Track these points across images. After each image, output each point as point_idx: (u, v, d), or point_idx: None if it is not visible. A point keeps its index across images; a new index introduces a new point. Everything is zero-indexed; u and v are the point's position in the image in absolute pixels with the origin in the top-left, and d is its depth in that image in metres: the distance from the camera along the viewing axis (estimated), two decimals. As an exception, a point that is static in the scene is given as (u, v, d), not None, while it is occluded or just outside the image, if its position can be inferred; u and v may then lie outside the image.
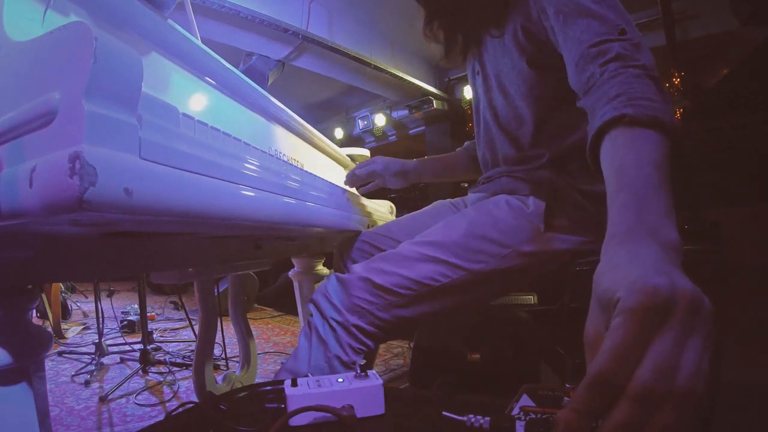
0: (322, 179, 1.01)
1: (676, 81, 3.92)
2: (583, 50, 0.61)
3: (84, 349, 2.34)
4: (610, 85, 0.54)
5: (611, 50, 0.58)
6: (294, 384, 0.54)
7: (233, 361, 2.12)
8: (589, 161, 0.54)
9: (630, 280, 0.32)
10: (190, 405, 0.57)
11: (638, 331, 0.29)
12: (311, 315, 0.79)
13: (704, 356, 0.29)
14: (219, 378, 1.28)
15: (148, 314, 2.61)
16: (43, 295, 2.54)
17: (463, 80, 4.58)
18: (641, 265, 0.34)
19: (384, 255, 0.80)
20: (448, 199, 1.08)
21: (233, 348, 2.27)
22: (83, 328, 2.96)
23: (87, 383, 1.83)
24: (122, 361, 2.17)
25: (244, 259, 0.99)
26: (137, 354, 2.06)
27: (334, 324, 0.74)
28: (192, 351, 2.19)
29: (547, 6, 0.69)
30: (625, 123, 0.48)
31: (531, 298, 1.43)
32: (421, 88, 4.54)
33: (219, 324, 1.35)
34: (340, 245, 1.06)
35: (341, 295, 0.76)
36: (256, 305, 3.80)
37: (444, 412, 0.48)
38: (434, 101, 4.69)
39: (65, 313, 3.21)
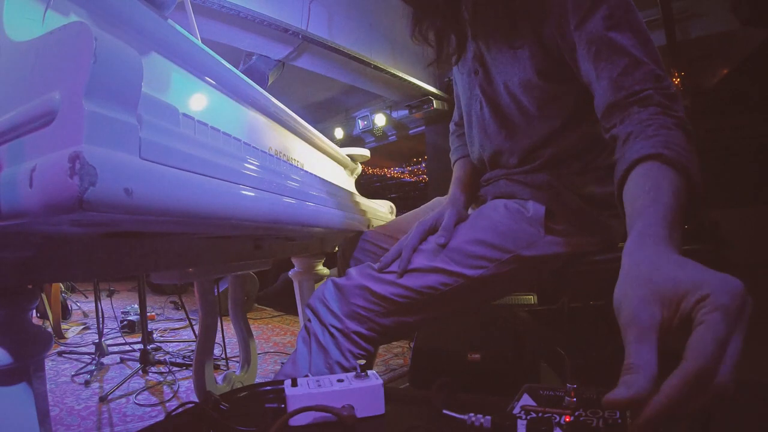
0: (322, 179, 1.01)
1: (676, 81, 3.91)
2: (621, 96, 0.63)
3: (84, 349, 2.34)
4: (648, 123, 0.58)
5: (652, 99, 0.61)
6: (294, 384, 0.54)
7: (233, 361, 2.11)
8: (616, 183, 0.58)
9: (719, 279, 0.36)
10: (190, 405, 0.57)
11: (730, 329, 0.33)
12: (309, 320, 0.78)
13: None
14: (219, 378, 1.28)
15: (148, 314, 2.61)
16: (43, 295, 2.54)
17: (463, 80, 4.56)
18: (702, 267, 0.39)
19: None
20: (446, 196, 1.07)
21: (233, 348, 2.27)
22: (83, 328, 2.96)
23: (87, 383, 1.83)
24: (122, 361, 2.17)
25: (244, 259, 0.98)
26: (137, 354, 2.06)
27: (333, 331, 0.74)
28: (192, 351, 2.19)
29: (572, 32, 0.69)
30: (661, 160, 0.54)
31: (531, 298, 1.43)
32: (421, 88, 4.54)
33: (219, 324, 1.35)
34: (344, 246, 1.05)
35: (339, 302, 0.75)
36: (256, 305, 3.80)
37: (444, 411, 0.48)
38: (434, 101, 4.68)
39: (65, 313, 3.21)
